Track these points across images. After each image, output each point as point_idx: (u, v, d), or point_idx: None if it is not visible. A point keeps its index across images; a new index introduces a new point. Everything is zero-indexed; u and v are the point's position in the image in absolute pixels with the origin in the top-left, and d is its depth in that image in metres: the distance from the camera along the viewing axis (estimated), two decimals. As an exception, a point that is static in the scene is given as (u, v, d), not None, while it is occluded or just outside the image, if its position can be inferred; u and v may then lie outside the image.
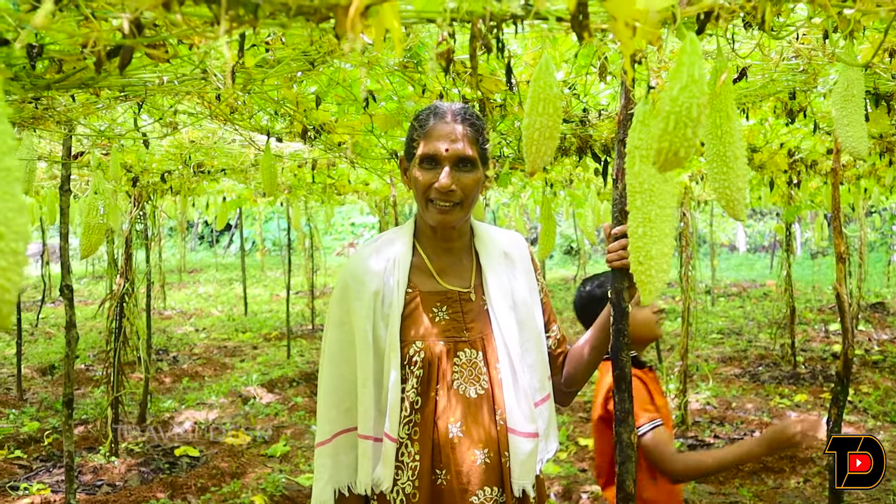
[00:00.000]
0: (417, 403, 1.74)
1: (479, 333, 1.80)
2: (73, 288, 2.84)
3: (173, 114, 2.82)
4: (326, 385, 1.82)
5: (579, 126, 2.76)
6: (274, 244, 21.42)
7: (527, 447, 1.74)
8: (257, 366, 8.08)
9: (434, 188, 1.73)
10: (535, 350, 1.84)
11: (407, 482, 1.73)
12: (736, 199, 1.16)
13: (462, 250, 1.88)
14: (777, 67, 2.26)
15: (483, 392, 1.76)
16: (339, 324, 1.81)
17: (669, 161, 0.81)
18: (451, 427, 1.73)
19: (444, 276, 1.84)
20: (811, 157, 4.63)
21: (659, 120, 0.79)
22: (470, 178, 1.75)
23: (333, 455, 1.79)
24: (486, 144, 1.82)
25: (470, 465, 1.72)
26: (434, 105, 1.82)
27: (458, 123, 1.75)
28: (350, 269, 1.83)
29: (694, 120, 0.78)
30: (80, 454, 5.01)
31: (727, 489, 4.49)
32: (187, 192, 5.55)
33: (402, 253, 1.83)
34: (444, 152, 1.72)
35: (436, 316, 1.79)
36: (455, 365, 1.76)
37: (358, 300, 1.77)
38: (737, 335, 9.59)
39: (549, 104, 1.11)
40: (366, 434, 1.75)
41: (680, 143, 0.80)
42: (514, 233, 2.00)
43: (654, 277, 1.21)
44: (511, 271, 1.88)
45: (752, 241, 22.43)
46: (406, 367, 1.75)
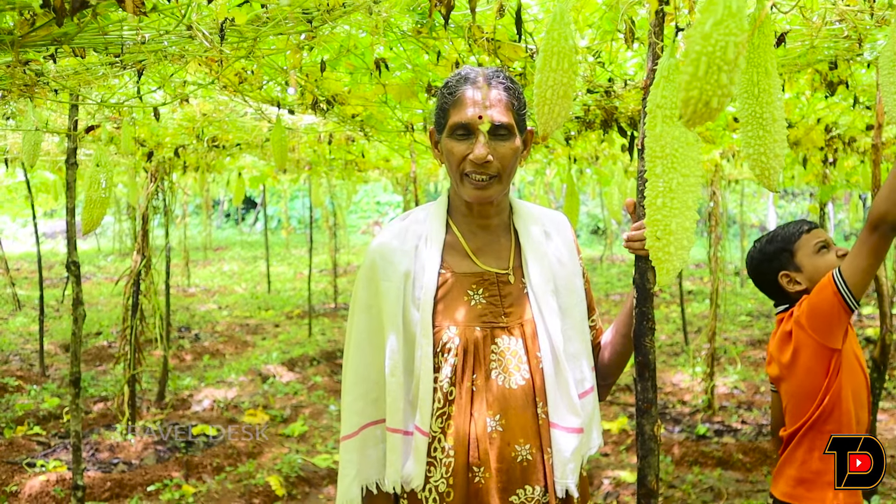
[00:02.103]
0: (451, 395, 1.61)
1: (518, 319, 1.66)
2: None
3: (182, 84, 2.72)
4: (352, 374, 1.70)
5: (604, 97, 2.61)
6: (299, 222, 21.43)
7: (571, 443, 1.60)
8: (278, 344, 8.05)
9: (469, 160, 1.59)
10: (577, 339, 1.70)
11: (440, 480, 1.60)
12: (771, 168, 1.03)
13: (500, 228, 1.74)
14: (819, 33, 2.10)
15: (523, 383, 1.62)
16: (366, 307, 1.69)
17: (699, 113, 0.67)
18: (489, 421, 1.59)
19: (481, 256, 1.70)
20: (849, 134, 4.44)
21: (687, 63, 0.66)
22: (508, 148, 1.61)
23: (361, 449, 1.68)
24: (524, 110, 1.67)
25: (509, 462, 1.58)
26: (465, 69, 1.68)
27: (492, 87, 1.61)
28: (378, 247, 1.70)
29: (730, 63, 0.64)
30: (97, 431, 4.99)
31: (755, 477, 4.35)
32: (205, 168, 5.46)
33: (434, 230, 1.70)
34: (479, 120, 1.58)
35: (471, 299, 1.65)
36: (493, 353, 1.62)
37: (387, 281, 1.65)
38: (766, 318, 9.38)
39: (563, 59, 0.98)
40: (395, 427, 1.63)
41: (712, 92, 0.66)
42: (555, 212, 1.86)
43: (673, 255, 1.08)
44: (553, 252, 1.73)
45: (783, 221, 22.03)
46: (439, 355, 1.62)
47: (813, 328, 2.06)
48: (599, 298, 10.97)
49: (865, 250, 1.93)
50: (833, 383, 2.06)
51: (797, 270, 2.20)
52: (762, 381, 6.34)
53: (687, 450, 4.64)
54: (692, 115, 0.68)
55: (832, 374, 2.06)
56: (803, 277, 2.18)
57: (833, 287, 1.99)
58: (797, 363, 2.12)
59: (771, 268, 2.26)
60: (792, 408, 2.17)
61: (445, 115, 1.64)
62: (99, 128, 3.48)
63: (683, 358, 7.16)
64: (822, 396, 2.07)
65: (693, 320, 9.01)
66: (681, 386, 6.21)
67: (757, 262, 2.32)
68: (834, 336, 2.04)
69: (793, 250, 2.22)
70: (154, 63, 2.04)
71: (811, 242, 2.20)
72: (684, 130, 0.98)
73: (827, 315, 2.03)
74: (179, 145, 4.08)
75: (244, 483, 4.21)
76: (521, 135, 1.67)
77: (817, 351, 2.07)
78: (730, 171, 7.54)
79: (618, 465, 4.55)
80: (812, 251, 2.19)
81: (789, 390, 2.17)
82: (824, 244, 2.20)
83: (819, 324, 2.05)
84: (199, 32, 1.34)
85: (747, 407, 5.56)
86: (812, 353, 2.08)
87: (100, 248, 18.37)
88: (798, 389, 2.13)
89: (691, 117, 0.68)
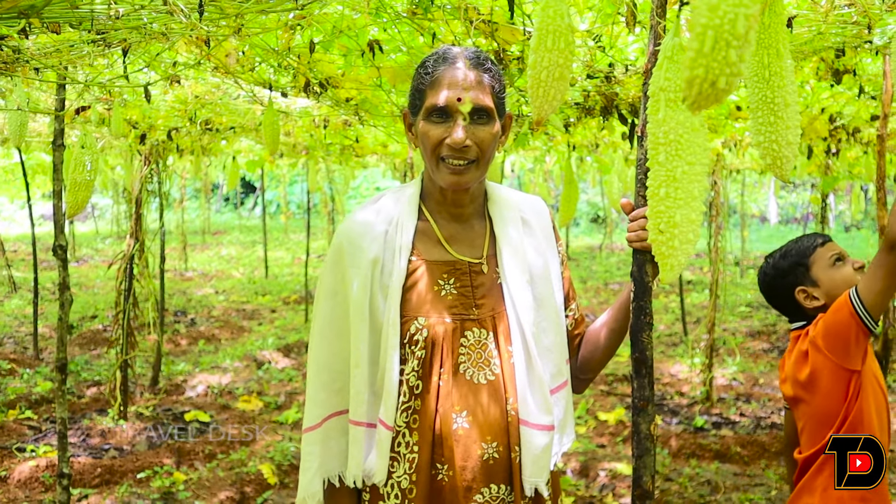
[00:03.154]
0: (418, 388, 1.55)
1: (490, 311, 1.59)
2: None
3: (172, 65, 2.65)
4: (316, 363, 1.62)
5: (604, 83, 2.54)
6: (298, 207, 21.34)
7: (541, 441, 1.54)
8: (274, 329, 8.00)
9: (446, 144, 1.51)
10: (552, 331, 1.63)
11: (403, 476, 1.54)
12: (784, 157, 0.96)
13: (474, 215, 1.67)
14: (826, 18, 2.03)
15: (493, 378, 1.56)
16: (332, 293, 1.61)
17: (704, 95, 0.61)
18: (456, 417, 1.53)
19: (454, 244, 1.63)
20: (853, 124, 4.36)
21: (692, 38, 0.59)
22: (486, 132, 1.53)
23: (323, 441, 1.61)
24: (504, 93, 1.60)
25: (475, 461, 1.53)
26: (442, 49, 1.59)
27: (472, 69, 1.53)
28: (346, 231, 1.62)
29: (739, 38, 0.58)
30: (89, 416, 4.94)
31: (752, 470, 4.31)
32: (200, 152, 5.39)
33: (406, 215, 1.62)
34: (457, 102, 1.50)
35: (442, 289, 1.59)
36: (462, 346, 1.56)
37: (354, 267, 1.57)
38: (766, 308, 9.33)
39: (559, 38, 0.92)
40: (358, 420, 1.56)
41: (719, 70, 0.59)
42: (534, 197, 1.77)
43: (678, 249, 1.01)
44: (529, 240, 1.66)
45: (784, 212, 21.95)
46: (406, 347, 1.55)
47: (830, 349, 1.99)
48: (598, 287, 10.91)
49: (883, 272, 1.85)
50: (853, 406, 1.98)
51: (814, 285, 2.13)
52: (761, 372, 6.30)
53: (684, 442, 4.60)
54: (696, 97, 0.61)
55: (852, 396, 1.98)
56: (820, 292, 2.11)
57: (850, 308, 1.91)
58: (815, 385, 2.04)
59: (786, 283, 2.18)
60: (809, 431, 2.08)
61: (422, 97, 1.56)
62: (89, 109, 3.42)
63: (682, 349, 7.11)
64: (841, 420, 1.99)
65: (692, 310, 8.96)
66: (679, 377, 6.17)
67: (770, 277, 2.24)
68: (852, 357, 1.97)
69: (808, 264, 2.15)
70: (139, 42, 1.97)
71: (826, 255, 2.13)
72: (689, 115, 0.91)
73: (844, 336, 1.95)
74: (172, 128, 4.00)
75: (236, 471, 4.16)
76: (501, 119, 1.60)
77: (835, 372, 1.99)
78: (731, 160, 7.46)
79: (614, 456, 4.51)
80: (828, 264, 2.12)
81: (807, 412, 2.08)
82: (839, 256, 2.13)
83: (836, 345, 1.97)
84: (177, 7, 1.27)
85: (746, 399, 5.52)
86: (830, 374, 2.00)
87: (98, 231, 18.31)
88: (816, 412, 2.05)
89: (696, 99, 0.61)
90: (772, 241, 18.10)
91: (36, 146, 6.32)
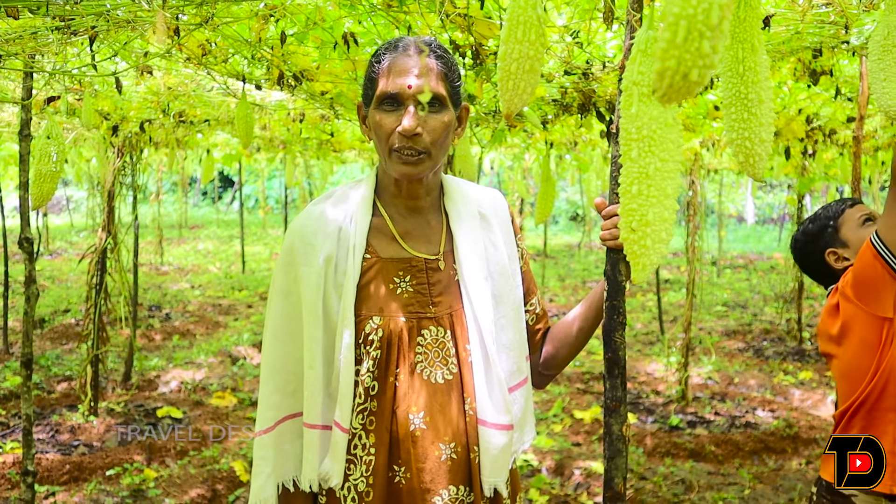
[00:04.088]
0: (373, 389, 1.51)
1: (447, 309, 1.56)
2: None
3: (143, 55, 2.59)
4: (269, 365, 1.58)
5: (582, 79, 2.52)
6: (277, 202, 21.22)
7: (499, 441, 1.51)
8: (250, 325, 7.93)
9: (397, 133, 1.47)
10: (511, 328, 1.60)
11: (360, 478, 1.51)
12: (756, 154, 0.94)
13: (430, 210, 1.62)
14: (804, 17, 2.02)
15: (451, 377, 1.53)
16: (285, 293, 1.56)
17: (675, 87, 0.58)
18: (413, 418, 1.50)
19: (409, 241, 1.59)
20: (830, 126, 4.38)
21: (664, 28, 0.57)
22: (438, 121, 1.48)
23: (276, 445, 1.56)
24: (458, 82, 1.56)
25: (433, 462, 1.50)
26: (395, 38, 1.56)
27: (423, 56, 1.49)
28: (298, 229, 1.57)
29: (713, 28, 0.55)
30: (59, 412, 4.86)
31: (726, 469, 4.32)
32: (175, 145, 5.32)
33: (359, 212, 1.57)
34: (408, 89, 1.46)
35: (397, 287, 1.54)
36: (419, 345, 1.53)
37: (306, 266, 1.52)
38: (742, 308, 9.39)
39: (529, 29, 0.89)
40: (312, 422, 1.52)
41: (692, 62, 0.56)
42: (491, 190, 1.74)
43: (650, 249, 0.99)
44: (487, 235, 1.63)
45: (761, 212, 22.13)
46: (361, 347, 1.51)
47: (859, 297, 1.95)
48: (576, 286, 10.93)
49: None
50: (886, 355, 1.93)
51: (843, 246, 2.11)
52: (736, 371, 6.33)
53: (659, 441, 4.60)
54: (668, 90, 0.58)
55: (885, 344, 1.93)
56: (850, 253, 2.08)
57: (872, 250, 1.87)
58: (847, 337, 2.00)
59: (817, 247, 2.16)
60: (843, 386, 2.05)
61: (373, 86, 1.52)
62: (59, 99, 3.35)
63: (658, 347, 7.13)
64: (874, 370, 1.95)
65: (669, 309, 8.99)
66: (655, 376, 6.18)
67: (801, 243, 2.22)
68: (882, 303, 1.92)
69: (837, 226, 2.13)
70: (106, 30, 1.93)
71: (855, 216, 2.11)
72: (663, 110, 0.89)
73: (871, 281, 1.91)
74: (145, 120, 3.94)
75: (208, 468, 4.11)
76: (456, 109, 1.56)
77: (867, 322, 1.95)
78: (709, 160, 7.49)
79: (589, 455, 4.50)
80: (857, 224, 2.10)
81: (840, 367, 2.05)
82: (869, 217, 2.11)
83: (864, 291, 1.93)
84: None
85: (721, 398, 5.54)
86: (862, 324, 1.96)
87: (72, 224, 18.08)
88: (849, 365, 2.02)
89: (667, 91, 0.58)
90: (748, 241, 18.25)
91: (7, 136, 6.21)
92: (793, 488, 4.05)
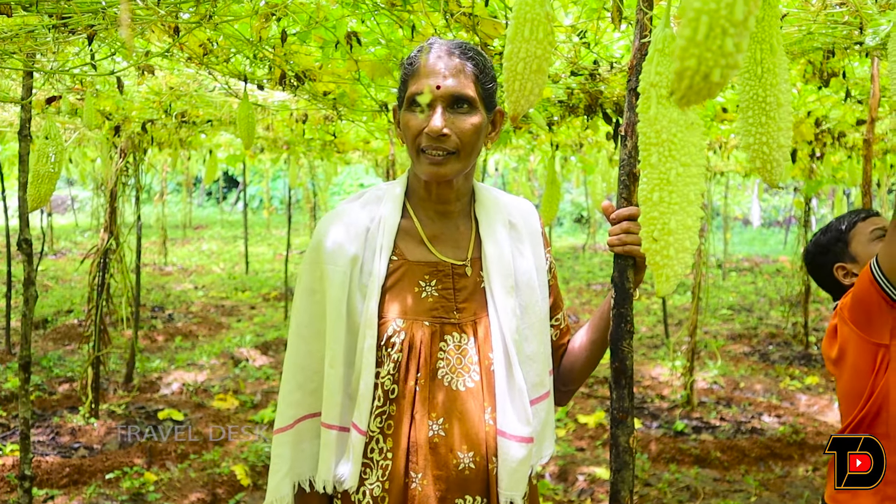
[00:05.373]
0: (393, 393, 1.49)
1: (471, 316, 1.53)
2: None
3: (144, 55, 2.56)
4: (292, 362, 1.57)
5: (589, 80, 2.48)
6: (281, 202, 21.20)
7: (518, 453, 1.48)
8: (253, 326, 7.90)
9: (424, 133, 1.45)
10: (535, 339, 1.57)
11: (375, 483, 1.48)
12: (774, 160, 0.90)
13: (460, 215, 1.60)
14: (817, 17, 1.98)
15: (472, 385, 1.50)
16: (310, 291, 1.55)
17: (696, 89, 0.54)
18: (432, 424, 1.47)
19: (437, 245, 1.57)
20: (839, 128, 4.33)
21: (683, 25, 0.53)
22: (468, 123, 1.46)
23: (295, 444, 1.55)
24: (491, 84, 1.53)
25: (451, 470, 1.47)
26: (428, 41, 1.54)
27: (454, 58, 1.47)
28: (326, 227, 1.56)
29: (738, 24, 0.51)
30: (60, 414, 4.83)
31: (732, 476, 4.27)
32: (178, 145, 5.29)
33: (389, 213, 1.56)
34: (436, 90, 1.44)
35: (422, 291, 1.52)
36: (441, 351, 1.50)
37: (332, 265, 1.51)
38: (747, 312, 9.33)
39: (537, 27, 0.85)
40: (330, 423, 1.50)
41: (714, 61, 0.52)
42: (523, 200, 1.72)
43: (674, 259, 0.94)
44: (516, 245, 1.60)
45: (767, 215, 22.04)
46: (383, 349, 1.49)
47: (854, 321, 1.89)
48: (581, 288, 10.88)
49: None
50: (880, 381, 1.88)
51: (853, 261, 2.02)
52: (742, 376, 6.27)
53: (664, 446, 4.55)
54: (686, 91, 0.54)
55: (880, 370, 1.88)
56: (859, 268, 1.99)
57: (870, 275, 1.80)
58: (844, 360, 1.96)
59: (826, 260, 2.08)
60: (842, 408, 2.01)
61: (405, 88, 1.52)
62: (60, 99, 3.32)
63: (663, 351, 7.08)
64: (867, 395, 1.90)
65: (674, 312, 8.94)
66: (660, 380, 6.13)
67: (812, 255, 2.14)
68: (876, 329, 1.86)
69: (847, 239, 2.04)
70: (105, 28, 1.89)
71: (867, 230, 2.02)
72: (683, 112, 0.84)
73: (866, 306, 1.85)
74: (147, 120, 3.91)
75: (208, 471, 4.07)
76: (489, 112, 1.54)
77: (861, 346, 1.89)
78: (716, 162, 7.44)
79: (593, 460, 4.46)
80: (868, 239, 2.01)
81: (839, 390, 2.01)
82: (882, 231, 2.00)
83: (859, 316, 1.88)
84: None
85: (726, 403, 5.48)
86: (856, 348, 1.91)
87: (77, 224, 18.08)
88: (846, 388, 1.97)
89: (685, 93, 0.54)
90: (754, 244, 18.17)
91: (11, 136, 6.19)
92: (800, 496, 4.00)
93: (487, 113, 1.53)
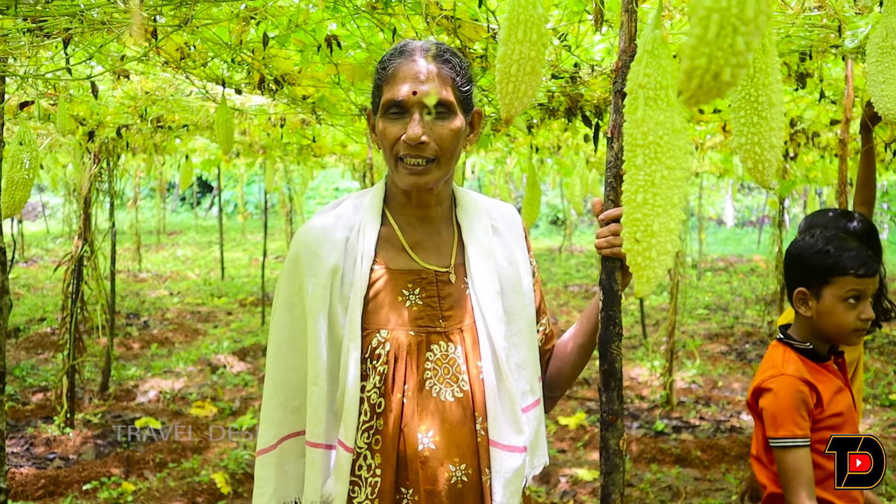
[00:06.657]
0: (380, 406, 1.43)
1: (457, 323, 1.49)
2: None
3: (120, 59, 2.52)
4: (273, 379, 1.51)
5: (569, 83, 2.48)
6: (256, 207, 21.06)
7: (512, 464, 1.44)
8: (230, 332, 7.83)
9: (402, 141, 1.41)
10: (524, 346, 1.54)
11: (365, 501, 1.43)
12: (766, 161, 0.90)
13: (441, 221, 1.56)
14: (796, 20, 1.99)
15: (461, 395, 1.46)
16: (289, 306, 1.50)
17: (706, 88, 0.53)
18: (421, 437, 1.42)
19: (419, 252, 1.52)
20: (813, 129, 4.38)
21: (693, 24, 0.52)
22: (447, 128, 1.43)
23: (279, 465, 1.50)
24: (468, 86, 1.50)
25: (443, 484, 1.42)
26: (401, 43, 1.50)
27: (430, 61, 1.43)
28: (303, 238, 1.51)
29: (749, 22, 0.50)
30: (34, 424, 4.75)
31: (713, 475, 4.29)
32: (153, 150, 5.23)
33: (368, 221, 1.51)
34: (412, 96, 1.40)
35: (406, 300, 1.48)
36: (428, 361, 1.45)
37: (312, 277, 1.46)
38: (723, 311, 9.42)
39: (531, 29, 0.84)
40: (315, 441, 1.45)
41: (724, 60, 0.51)
42: (505, 204, 1.68)
43: (655, 261, 0.93)
44: (500, 249, 1.57)
45: (740, 215, 22.28)
46: (367, 362, 1.44)
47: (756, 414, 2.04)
48: (558, 289, 10.91)
49: None
50: None
51: (816, 299, 1.99)
52: (720, 375, 6.32)
53: (645, 447, 4.57)
54: (696, 91, 0.53)
55: None
56: (815, 310, 1.99)
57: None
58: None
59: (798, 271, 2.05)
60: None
61: (380, 93, 1.47)
62: (32, 104, 3.26)
63: (641, 352, 7.12)
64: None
65: (651, 313, 8.99)
66: (639, 380, 6.16)
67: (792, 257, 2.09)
68: None
69: (827, 280, 1.97)
70: (81, 32, 1.86)
71: (847, 287, 1.95)
72: (670, 115, 0.84)
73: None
74: (122, 125, 3.86)
75: (188, 480, 4.02)
76: (467, 115, 1.50)
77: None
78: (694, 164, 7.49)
79: (575, 462, 4.46)
80: (841, 296, 1.95)
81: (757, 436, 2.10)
82: (857, 295, 1.95)
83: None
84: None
85: (705, 402, 5.52)
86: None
87: (48, 231, 17.83)
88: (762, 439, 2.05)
89: (695, 93, 0.54)
90: (728, 243, 18.35)
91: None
92: (780, 493, 4.03)
93: (465, 115, 1.49)
